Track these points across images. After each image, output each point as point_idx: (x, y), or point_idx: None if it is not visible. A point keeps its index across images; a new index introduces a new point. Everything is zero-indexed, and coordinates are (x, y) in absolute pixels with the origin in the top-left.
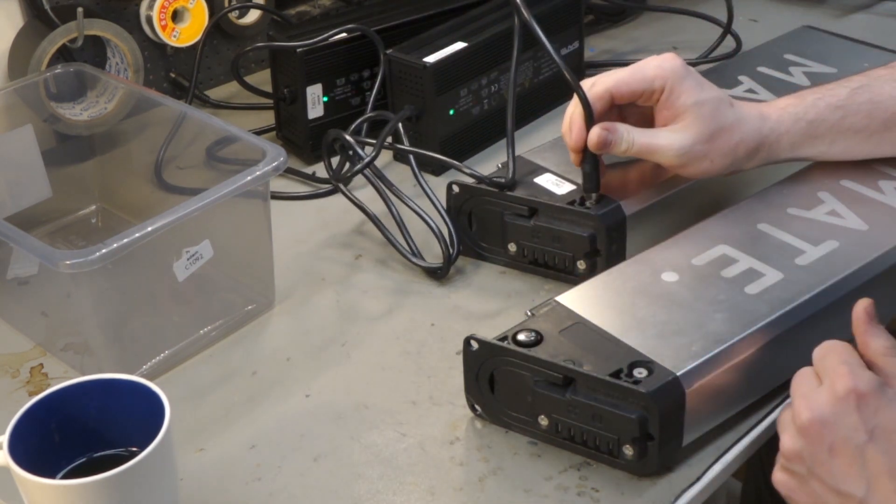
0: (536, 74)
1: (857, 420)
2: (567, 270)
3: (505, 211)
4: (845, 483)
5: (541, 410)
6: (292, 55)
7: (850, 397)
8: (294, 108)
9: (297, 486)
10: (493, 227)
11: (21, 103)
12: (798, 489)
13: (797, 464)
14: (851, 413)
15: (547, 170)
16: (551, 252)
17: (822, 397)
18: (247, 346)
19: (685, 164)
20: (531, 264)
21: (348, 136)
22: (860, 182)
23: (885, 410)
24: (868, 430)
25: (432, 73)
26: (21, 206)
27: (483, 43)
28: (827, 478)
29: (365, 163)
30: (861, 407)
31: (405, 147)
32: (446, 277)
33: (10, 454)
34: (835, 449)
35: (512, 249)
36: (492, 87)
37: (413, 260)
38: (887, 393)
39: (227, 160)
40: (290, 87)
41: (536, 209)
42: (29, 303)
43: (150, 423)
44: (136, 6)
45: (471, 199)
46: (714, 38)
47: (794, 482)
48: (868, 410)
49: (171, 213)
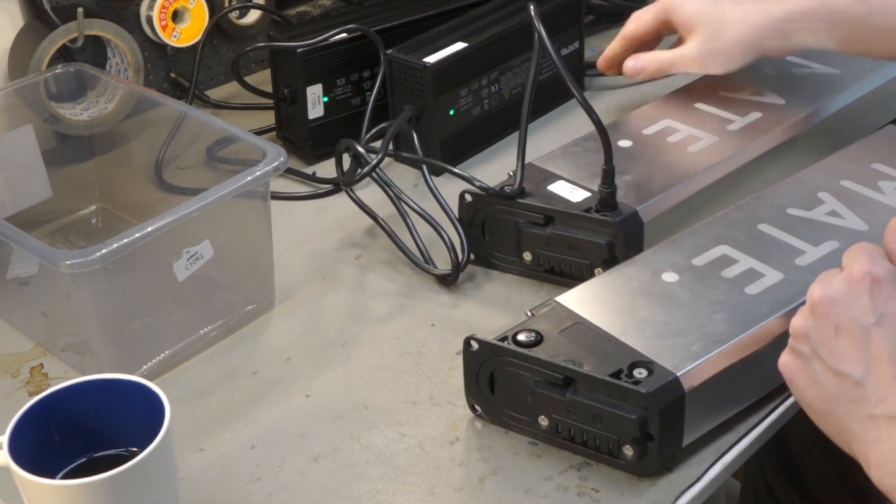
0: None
1: (867, 302)
2: (584, 279)
3: (519, 219)
4: (846, 363)
5: (541, 410)
6: (293, 55)
7: (865, 280)
8: (294, 108)
9: (297, 486)
10: (508, 236)
11: (21, 103)
12: (800, 371)
13: (803, 343)
14: (863, 295)
15: (560, 177)
16: (568, 260)
17: (838, 279)
18: (247, 346)
19: (705, 62)
20: (547, 273)
21: (360, 147)
22: (860, 182)
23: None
24: (877, 314)
25: (432, 73)
26: (21, 206)
27: (483, 43)
28: (829, 358)
29: (371, 166)
30: (874, 291)
31: (417, 157)
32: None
33: (10, 454)
34: (841, 329)
35: (527, 258)
36: (492, 87)
37: (424, 267)
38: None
39: (227, 160)
40: (291, 87)
41: (552, 217)
42: (29, 303)
43: (150, 423)
44: (136, 6)
45: (484, 207)
46: None
47: (797, 363)
48: (880, 295)
49: (171, 213)
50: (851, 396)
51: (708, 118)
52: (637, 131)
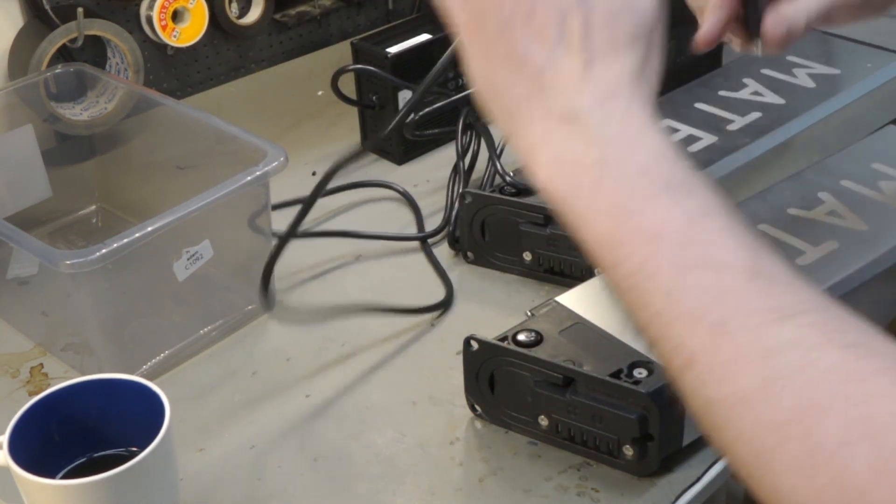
0: (679, 53)
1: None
2: (584, 279)
3: (519, 219)
4: (534, 45)
5: (541, 410)
6: (383, 60)
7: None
8: (383, 114)
9: (297, 486)
10: (508, 236)
11: (21, 103)
12: (477, 42)
13: (491, 18)
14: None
15: None
16: (568, 260)
17: None
18: (247, 346)
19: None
20: (547, 273)
21: None
22: (860, 182)
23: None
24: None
25: None
26: (21, 206)
27: None
28: (520, 38)
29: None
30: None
31: None
32: None
33: (10, 454)
34: (536, 9)
35: (527, 258)
36: None
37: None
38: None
39: (227, 160)
40: (378, 93)
41: (552, 217)
42: (29, 303)
43: (150, 423)
44: (136, 6)
45: (484, 207)
46: None
47: (477, 36)
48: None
49: (171, 213)
50: (529, 85)
51: (708, 118)
52: None
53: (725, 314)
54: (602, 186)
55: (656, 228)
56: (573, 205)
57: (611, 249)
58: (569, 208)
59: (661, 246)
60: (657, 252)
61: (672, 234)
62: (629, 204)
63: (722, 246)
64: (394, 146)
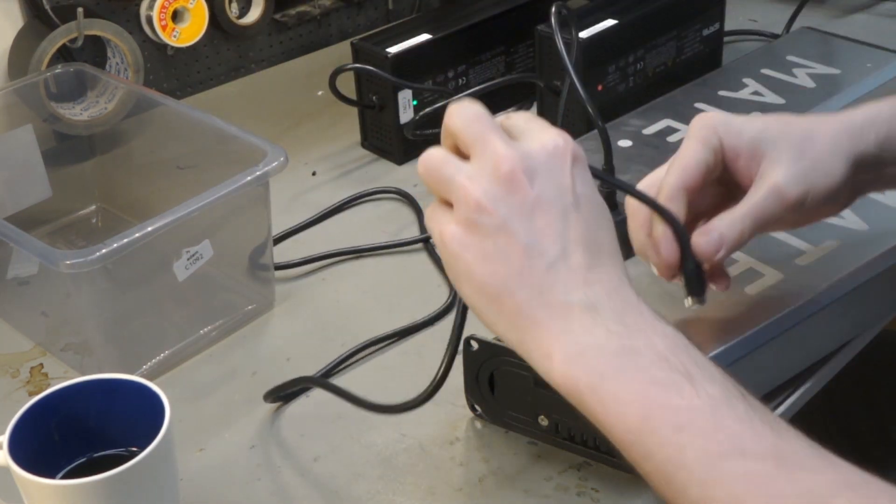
0: (680, 53)
1: (568, 180)
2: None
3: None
4: (542, 242)
5: (541, 410)
6: (382, 60)
7: (566, 155)
8: (384, 114)
9: (297, 486)
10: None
11: (21, 103)
12: (474, 246)
13: (488, 215)
14: (565, 170)
15: None
16: None
17: (535, 147)
18: (247, 346)
19: (805, 192)
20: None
21: None
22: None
23: (585, 179)
24: (576, 194)
25: (583, 49)
26: (21, 206)
27: (634, 20)
28: (523, 234)
29: None
30: (575, 168)
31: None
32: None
33: (10, 454)
34: (540, 203)
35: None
36: (637, 64)
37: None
38: None
39: (227, 160)
40: (378, 93)
41: None
42: (29, 303)
43: (150, 423)
44: (136, 6)
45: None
46: None
47: (472, 237)
48: (579, 176)
49: (171, 213)
50: (539, 280)
51: None
52: (637, 131)
53: (760, 502)
54: (626, 374)
55: (685, 417)
56: (599, 392)
57: (641, 437)
58: (594, 396)
59: (691, 435)
60: (689, 442)
61: (700, 422)
62: (655, 392)
63: (748, 431)
64: (394, 146)
